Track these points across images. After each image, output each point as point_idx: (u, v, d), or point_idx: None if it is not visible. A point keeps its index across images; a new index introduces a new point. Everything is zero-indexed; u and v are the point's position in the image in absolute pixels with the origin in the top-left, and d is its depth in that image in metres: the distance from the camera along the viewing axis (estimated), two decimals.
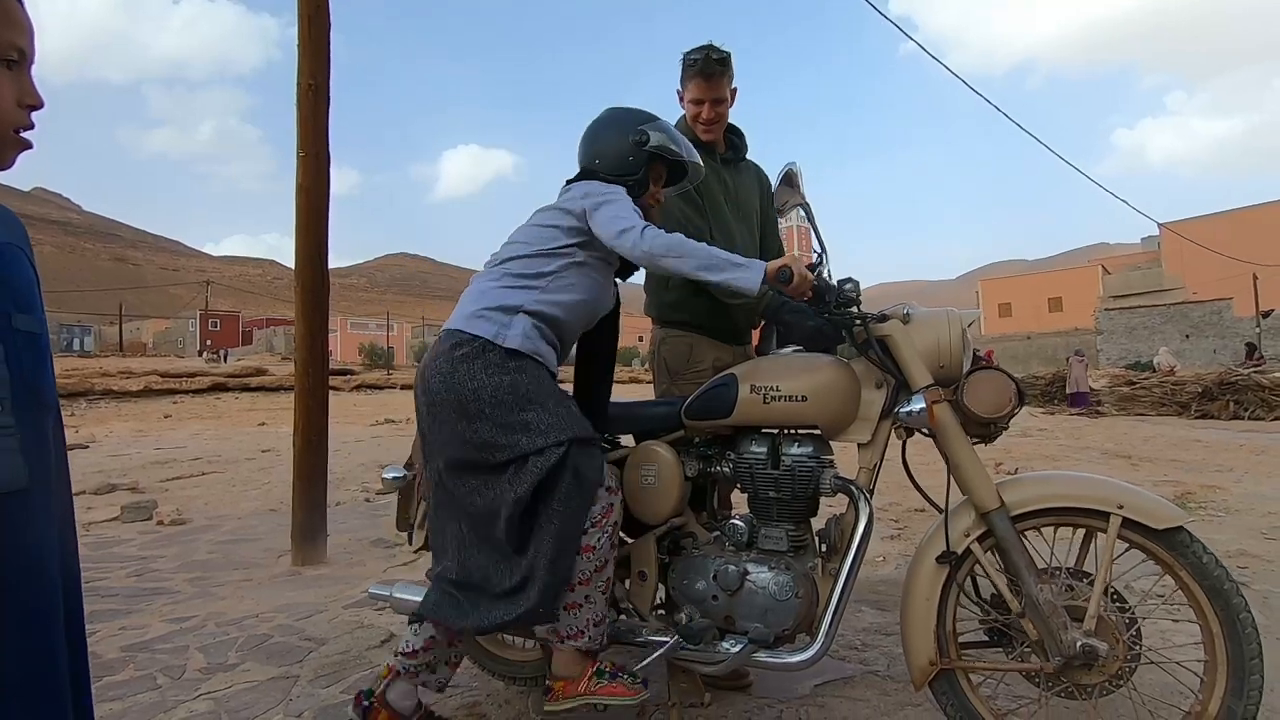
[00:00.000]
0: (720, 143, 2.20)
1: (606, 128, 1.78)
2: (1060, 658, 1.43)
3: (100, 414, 14.42)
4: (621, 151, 1.73)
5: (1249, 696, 1.37)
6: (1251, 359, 16.14)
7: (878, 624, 2.52)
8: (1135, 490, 1.48)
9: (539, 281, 1.63)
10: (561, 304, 1.64)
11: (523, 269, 1.65)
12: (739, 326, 2.22)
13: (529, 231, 1.71)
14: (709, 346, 2.16)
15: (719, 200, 2.14)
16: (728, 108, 2.13)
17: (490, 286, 1.64)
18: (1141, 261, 42.31)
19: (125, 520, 4.53)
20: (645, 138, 1.72)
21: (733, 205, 2.18)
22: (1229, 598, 1.39)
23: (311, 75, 3.55)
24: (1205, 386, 13.22)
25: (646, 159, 1.73)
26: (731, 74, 2.10)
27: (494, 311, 1.60)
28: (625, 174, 1.73)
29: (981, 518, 1.52)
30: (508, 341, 1.56)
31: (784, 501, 1.64)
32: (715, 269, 1.53)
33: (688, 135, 2.13)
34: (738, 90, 2.16)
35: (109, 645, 2.45)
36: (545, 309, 1.62)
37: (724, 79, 2.08)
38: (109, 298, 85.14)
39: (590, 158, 1.77)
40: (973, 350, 1.61)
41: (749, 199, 2.25)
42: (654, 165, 1.77)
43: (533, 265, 1.65)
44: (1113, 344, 28.96)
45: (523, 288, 1.63)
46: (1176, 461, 6.66)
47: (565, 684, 1.55)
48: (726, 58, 2.05)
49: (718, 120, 2.12)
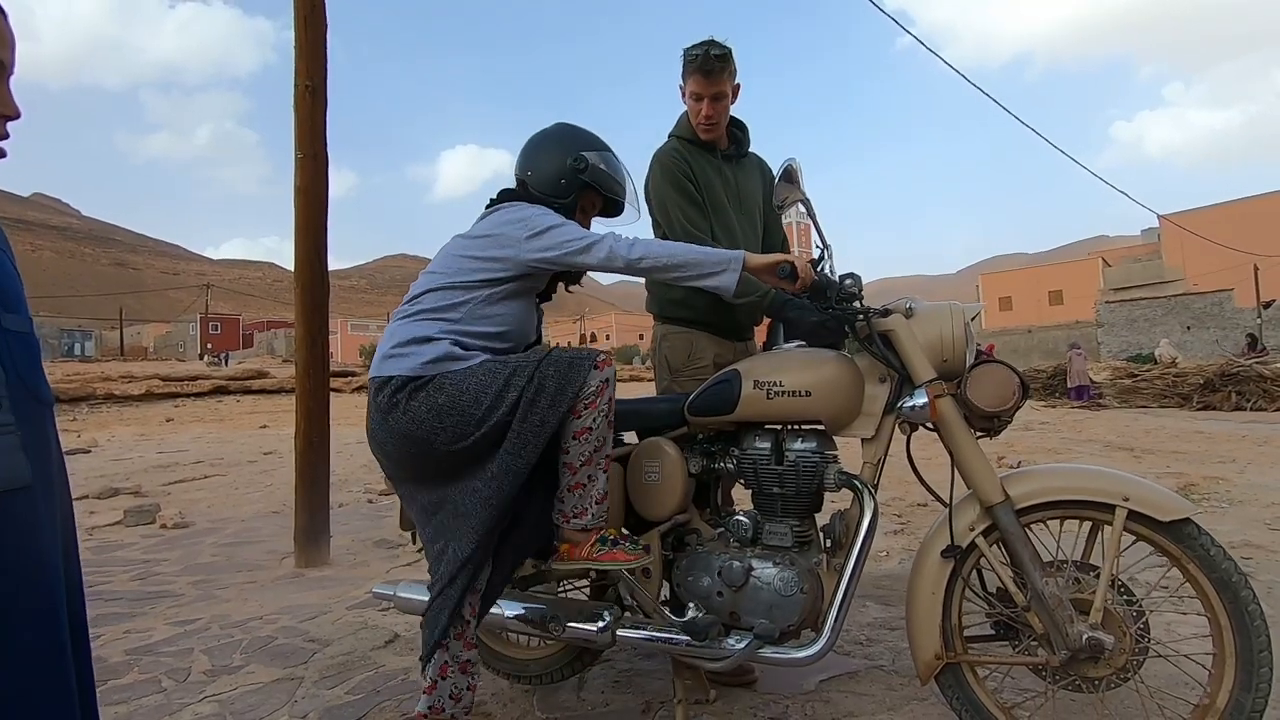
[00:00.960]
0: (723, 138, 2.18)
1: (548, 144, 1.73)
2: (1066, 651, 1.43)
3: (102, 418, 14.43)
4: (556, 172, 1.68)
5: (1258, 689, 1.36)
6: (1253, 350, 16.12)
7: (882, 619, 2.51)
8: (1141, 482, 1.48)
9: (453, 313, 1.57)
10: (479, 334, 1.58)
11: (436, 302, 1.58)
12: (740, 323, 2.21)
13: (445, 261, 1.64)
14: (710, 343, 2.15)
15: (721, 198, 2.13)
16: (729, 104, 2.10)
17: (401, 325, 1.58)
18: (1142, 254, 42.29)
19: (128, 524, 4.53)
20: (583, 164, 1.67)
21: (735, 201, 2.17)
22: (1238, 590, 1.38)
23: (308, 76, 3.55)
24: (1207, 378, 13.19)
25: (579, 186, 1.68)
26: (733, 69, 2.07)
27: (407, 346, 1.54)
28: (554, 195, 1.67)
29: (986, 511, 1.51)
30: (425, 370, 1.50)
31: (788, 497, 1.63)
32: (689, 268, 1.52)
33: (688, 132, 2.17)
34: (741, 86, 2.13)
35: (113, 649, 2.45)
36: (462, 339, 1.55)
37: (724, 75, 2.04)
38: (109, 302, 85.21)
39: (524, 169, 1.72)
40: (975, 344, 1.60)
41: (752, 193, 2.23)
42: (586, 193, 1.71)
43: (447, 298, 1.58)
44: (1114, 336, 28.93)
45: (436, 319, 1.56)
46: (1179, 453, 6.65)
47: (570, 548, 1.57)
48: (727, 53, 2.02)
49: (718, 117, 2.09)
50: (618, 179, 1.73)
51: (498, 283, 1.60)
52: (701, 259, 1.53)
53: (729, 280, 1.51)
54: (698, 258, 1.53)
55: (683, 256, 1.53)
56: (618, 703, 1.96)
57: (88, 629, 1.04)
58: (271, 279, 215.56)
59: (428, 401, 1.49)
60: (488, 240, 1.61)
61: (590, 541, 1.55)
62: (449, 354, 1.53)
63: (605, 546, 1.54)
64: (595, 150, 1.70)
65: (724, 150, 2.19)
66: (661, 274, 1.56)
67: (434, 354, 1.52)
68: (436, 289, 1.60)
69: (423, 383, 1.51)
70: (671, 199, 2.07)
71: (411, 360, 1.52)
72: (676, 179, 2.07)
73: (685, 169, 2.09)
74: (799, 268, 1.49)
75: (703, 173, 2.12)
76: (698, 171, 2.11)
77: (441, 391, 1.49)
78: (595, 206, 1.78)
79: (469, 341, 1.57)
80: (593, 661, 2.04)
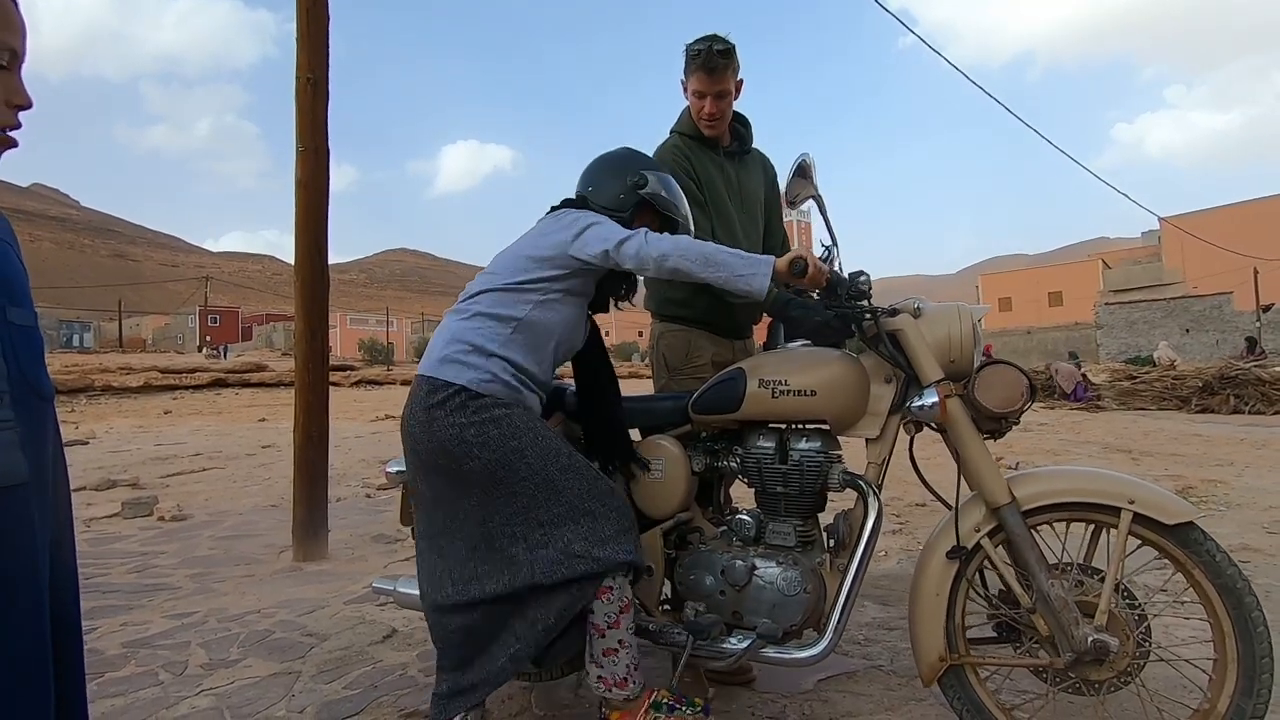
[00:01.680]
0: (725, 135, 2.17)
1: (611, 163, 1.77)
2: (1071, 653, 1.42)
3: (100, 410, 14.40)
4: (616, 189, 1.72)
5: (1259, 695, 1.36)
6: (1251, 353, 16.12)
7: (881, 619, 2.51)
8: (1146, 485, 1.47)
9: (509, 324, 1.59)
10: (533, 344, 1.61)
11: (492, 306, 1.61)
12: (739, 322, 2.20)
13: (502, 261, 1.68)
14: (708, 342, 2.15)
15: (722, 195, 2.13)
16: (732, 100, 2.09)
17: (462, 326, 1.61)
18: (1142, 255, 42.31)
19: (126, 516, 4.52)
20: (643, 181, 1.71)
21: (736, 199, 2.17)
22: (1241, 596, 1.38)
23: (310, 69, 3.52)
24: (1206, 381, 13.20)
25: (636, 202, 1.72)
26: (736, 66, 2.05)
27: (467, 354, 1.56)
28: (613, 210, 1.71)
29: (992, 513, 1.50)
30: (483, 388, 1.53)
31: (792, 497, 1.63)
32: (722, 269, 1.50)
33: (690, 128, 2.16)
34: (744, 82, 2.11)
35: (110, 641, 2.44)
36: (516, 352, 1.58)
37: (727, 72, 2.02)
38: (108, 294, 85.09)
39: (585, 185, 1.76)
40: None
41: (754, 190, 2.23)
42: (643, 212, 1.74)
43: (504, 302, 1.61)
44: (1113, 338, 28.96)
45: (493, 328, 1.59)
46: (1177, 456, 6.65)
47: (621, 715, 1.53)
48: (730, 49, 2.01)
49: (721, 114, 2.08)
50: (675, 201, 1.76)
51: (549, 281, 1.62)
52: (733, 262, 1.51)
53: (760, 284, 1.49)
54: (729, 260, 1.51)
55: (714, 257, 1.52)
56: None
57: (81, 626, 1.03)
58: (271, 272, 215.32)
59: (477, 420, 1.51)
60: (541, 240, 1.65)
61: (643, 710, 1.52)
62: (499, 378, 1.55)
63: (662, 713, 1.51)
64: (655, 171, 1.75)
65: (726, 147, 2.18)
66: (689, 274, 1.53)
67: (493, 374, 1.55)
68: (493, 290, 1.63)
69: (474, 398, 1.53)
70: None
71: (469, 371, 1.54)
72: (677, 176, 2.03)
73: (686, 166, 2.08)
74: (810, 264, 1.48)
75: (704, 169, 2.11)
76: (699, 168, 2.10)
77: (496, 425, 1.51)
78: (653, 227, 1.75)
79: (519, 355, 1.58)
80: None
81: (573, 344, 1.72)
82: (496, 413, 1.52)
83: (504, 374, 1.56)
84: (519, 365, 1.58)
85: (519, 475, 1.50)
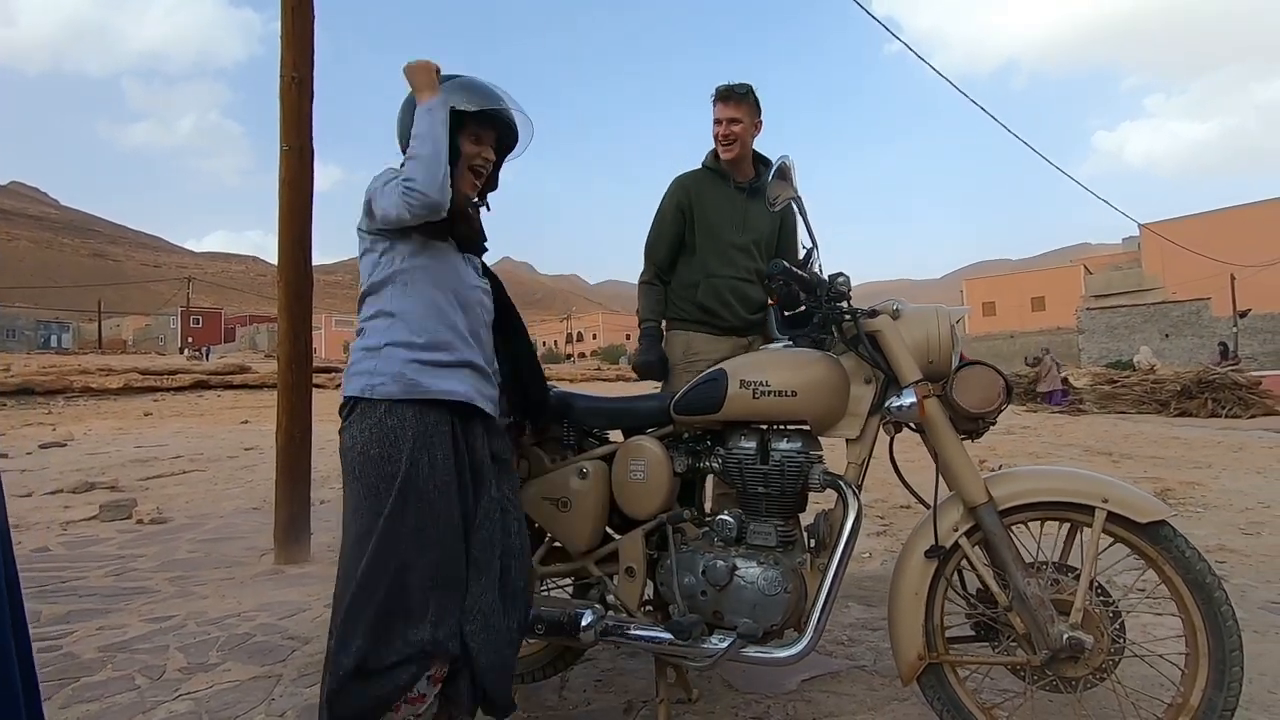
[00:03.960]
0: (745, 169, 2.48)
1: (408, 104, 1.59)
2: (1047, 651, 1.44)
3: (79, 411, 14.18)
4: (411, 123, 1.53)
5: (1229, 688, 1.39)
6: (1225, 358, 16.38)
7: (864, 619, 2.53)
8: (1119, 484, 1.50)
9: (384, 316, 1.50)
10: (419, 316, 1.49)
11: (368, 309, 1.54)
12: (737, 321, 2.39)
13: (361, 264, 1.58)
14: (705, 341, 2.38)
15: (722, 220, 2.45)
16: (745, 129, 2.41)
17: (355, 344, 1.55)
18: (1122, 261, 42.90)
19: (103, 519, 4.46)
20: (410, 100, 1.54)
21: (738, 229, 2.45)
22: (1211, 591, 1.40)
23: (295, 68, 3.50)
24: (1184, 385, 13.42)
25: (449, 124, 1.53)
26: (752, 104, 2.41)
27: (359, 361, 1.50)
28: None
29: (970, 512, 1.52)
30: (376, 391, 1.45)
31: (773, 497, 1.63)
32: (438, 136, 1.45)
33: (711, 160, 2.50)
34: (763, 124, 2.47)
35: (86, 645, 2.41)
36: (403, 333, 1.48)
37: (741, 104, 2.38)
38: (88, 294, 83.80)
39: (401, 138, 1.60)
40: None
41: (758, 225, 2.48)
42: (464, 128, 1.57)
43: (370, 303, 1.53)
44: (1094, 343, 29.33)
45: (374, 326, 1.51)
46: (1157, 458, 6.75)
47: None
48: (748, 88, 2.40)
49: (733, 138, 2.39)
50: (474, 95, 1.58)
51: (392, 256, 1.51)
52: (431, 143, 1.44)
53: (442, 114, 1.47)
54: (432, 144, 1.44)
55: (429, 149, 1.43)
56: (600, 702, 1.95)
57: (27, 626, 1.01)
58: (255, 273, 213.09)
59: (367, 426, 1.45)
60: (359, 230, 1.56)
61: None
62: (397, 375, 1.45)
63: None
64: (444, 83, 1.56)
65: (741, 183, 2.48)
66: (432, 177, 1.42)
67: (391, 370, 1.46)
68: (363, 296, 1.56)
69: (370, 405, 1.46)
70: (660, 213, 2.53)
71: (363, 380, 1.47)
72: (671, 201, 2.51)
73: (683, 195, 2.49)
74: None
75: (709, 198, 2.46)
76: (698, 196, 2.47)
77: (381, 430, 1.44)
78: (487, 137, 1.63)
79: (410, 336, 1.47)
80: (575, 660, 2.03)
81: (461, 289, 1.56)
82: (389, 422, 1.43)
83: (397, 364, 1.46)
84: (414, 344, 1.47)
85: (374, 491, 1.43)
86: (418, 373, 1.45)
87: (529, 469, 1.86)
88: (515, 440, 1.83)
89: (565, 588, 2.01)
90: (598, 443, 1.89)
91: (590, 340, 72.01)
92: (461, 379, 1.51)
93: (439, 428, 1.46)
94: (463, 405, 1.51)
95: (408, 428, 1.43)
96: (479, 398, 1.54)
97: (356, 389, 1.47)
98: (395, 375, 1.45)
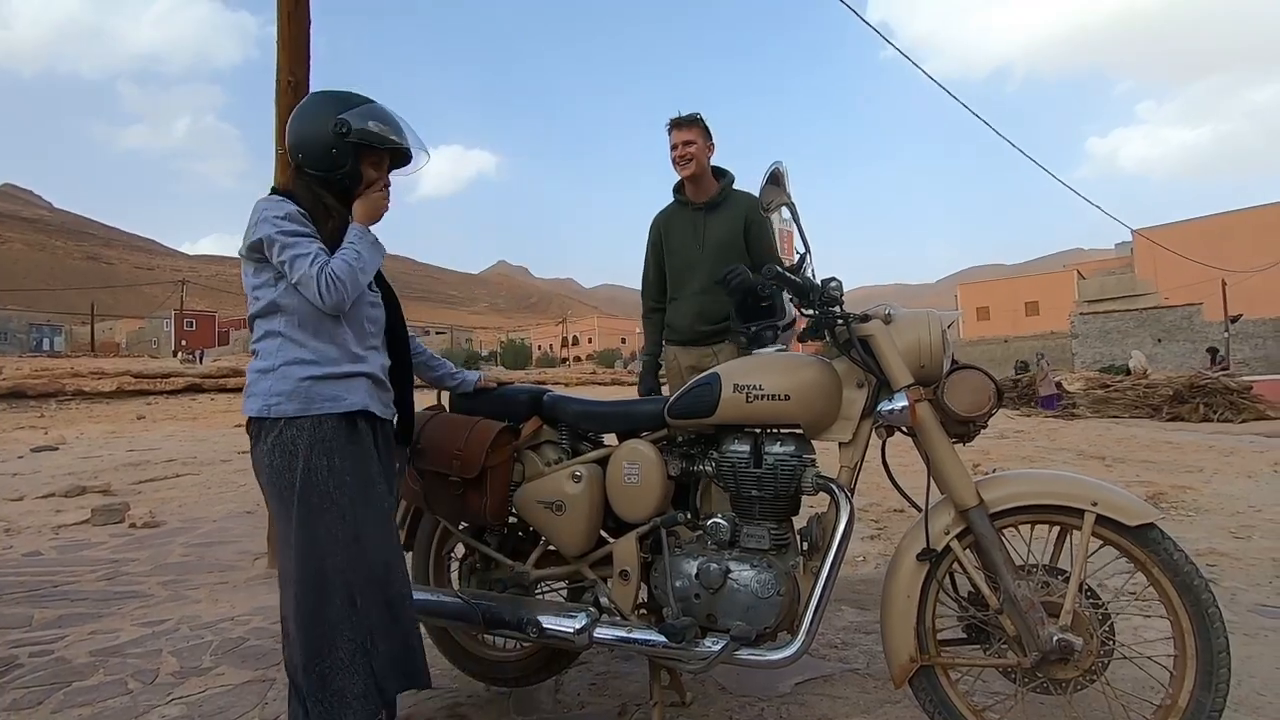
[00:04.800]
0: (704, 189, 2.75)
1: (307, 116, 1.60)
2: (1038, 653, 1.45)
3: (71, 415, 14.10)
4: (324, 144, 1.56)
5: (1217, 689, 1.40)
6: (1214, 363, 16.47)
7: (858, 622, 2.54)
8: (1108, 487, 1.51)
9: (273, 337, 1.53)
10: (307, 334, 1.51)
11: (259, 331, 1.56)
12: (698, 332, 2.72)
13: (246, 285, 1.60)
14: (681, 353, 2.78)
15: (686, 243, 2.77)
16: (699, 149, 2.69)
17: (250, 364, 1.57)
18: (1115, 266, 43.13)
19: (96, 523, 4.44)
20: (345, 127, 1.55)
21: (697, 246, 2.74)
22: (1199, 593, 1.42)
23: (291, 72, 3.51)
24: (1176, 389, 13.49)
25: (353, 150, 1.57)
26: (702, 127, 2.70)
27: (254, 383, 1.53)
28: (331, 169, 1.57)
29: (961, 515, 1.54)
30: (273, 410, 1.49)
31: (766, 500, 1.64)
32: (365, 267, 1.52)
33: (677, 187, 2.80)
34: (714, 147, 2.75)
35: (78, 650, 2.40)
36: (295, 351, 1.51)
37: (692, 127, 2.68)
38: (81, 297, 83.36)
39: (294, 152, 1.60)
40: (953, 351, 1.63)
41: (721, 235, 2.71)
42: (368, 154, 1.60)
43: (261, 323, 1.55)
44: (1087, 347, 29.46)
45: (266, 347, 1.53)
46: (1149, 462, 6.79)
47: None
48: (696, 115, 2.70)
49: (689, 158, 2.68)
50: (389, 126, 1.61)
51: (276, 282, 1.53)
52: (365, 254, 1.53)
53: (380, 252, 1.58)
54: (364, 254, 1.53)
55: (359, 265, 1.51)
56: (594, 705, 1.96)
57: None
58: None
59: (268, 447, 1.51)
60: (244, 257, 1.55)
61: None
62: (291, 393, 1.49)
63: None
64: (355, 108, 1.58)
65: (698, 203, 2.76)
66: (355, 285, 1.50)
67: (285, 389, 1.50)
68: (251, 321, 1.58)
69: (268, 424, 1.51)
70: (645, 252, 2.93)
71: (259, 401, 1.51)
72: (650, 239, 2.91)
73: (656, 233, 2.89)
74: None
75: (674, 227, 2.82)
76: (667, 230, 2.84)
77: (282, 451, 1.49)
78: (384, 163, 1.65)
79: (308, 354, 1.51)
80: (569, 664, 2.03)
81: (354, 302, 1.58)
82: (287, 434, 1.48)
83: (292, 383, 1.49)
84: (307, 360, 1.50)
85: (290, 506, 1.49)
86: (313, 388, 1.50)
87: (524, 472, 1.87)
88: (510, 444, 1.84)
89: (560, 591, 2.01)
90: (592, 446, 1.90)
91: (586, 344, 71.98)
92: (355, 389, 1.55)
93: (337, 434, 1.51)
94: (361, 413, 1.56)
95: (304, 435, 1.48)
96: (376, 405, 1.59)
97: (255, 410, 1.51)
98: (290, 393, 1.49)
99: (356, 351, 1.57)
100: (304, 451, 1.47)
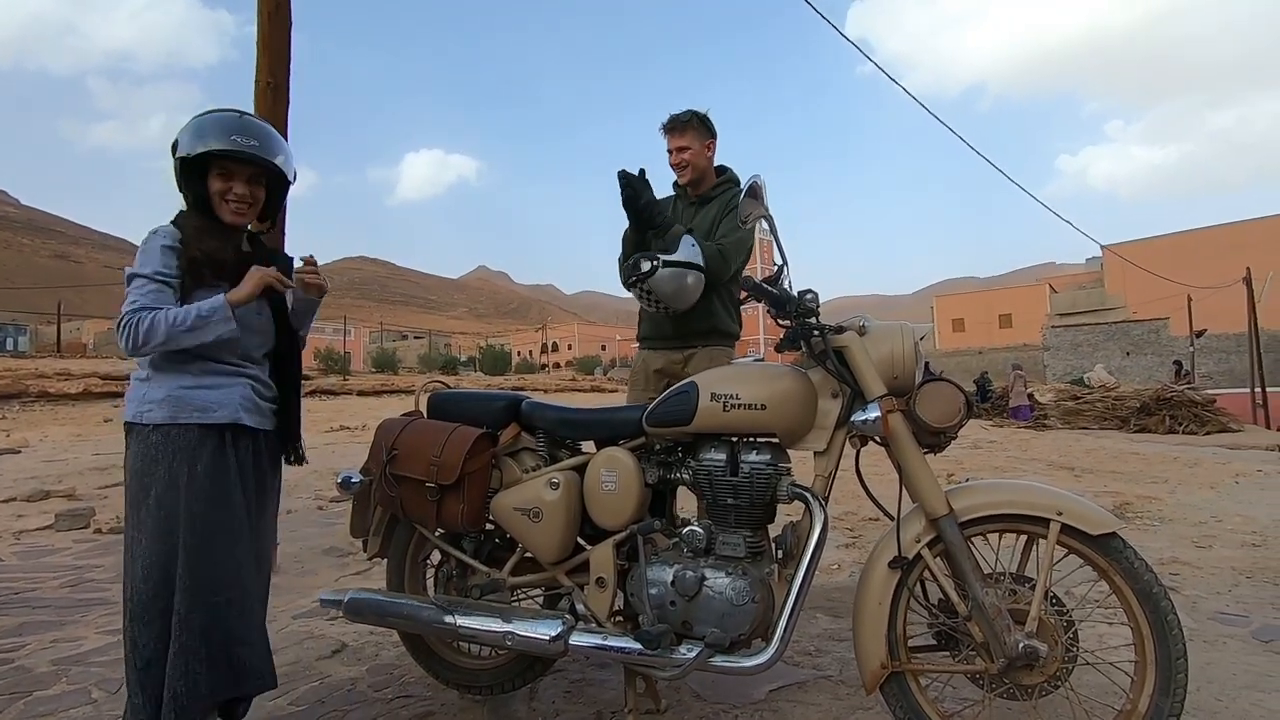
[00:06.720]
0: (704, 183, 2.65)
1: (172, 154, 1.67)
2: (1004, 659, 1.49)
3: (34, 417, 13.72)
4: (176, 169, 1.65)
5: (1175, 694, 1.44)
6: (1179, 377, 16.90)
7: (831, 630, 2.56)
8: (1073, 498, 1.55)
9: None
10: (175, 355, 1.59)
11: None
12: (674, 334, 2.58)
13: None
14: (653, 356, 2.66)
15: None
16: (695, 154, 2.58)
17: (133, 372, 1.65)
18: (1086, 281, 44.10)
19: (59, 528, 4.33)
20: (173, 147, 1.63)
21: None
22: (1158, 601, 1.46)
23: (270, 74, 3.48)
24: (1144, 402, 13.83)
25: (188, 173, 1.63)
26: (697, 128, 2.56)
27: (134, 388, 1.62)
28: (183, 190, 1.66)
29: (931, 524, 1.57)
30: (144, 417, 1.57)
31: (742, 508, 1.66)
32: (193, 332, 1.54)
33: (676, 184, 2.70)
34: (715, 142, 2.62)
35: (39, 659, 2.34)
36: (172, 361, 1.59)
37: (686, 131, 2.55)
38: (48, 295, 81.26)
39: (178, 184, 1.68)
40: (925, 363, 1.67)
41: (704, 225, 2.59)
42: (212, 166, 1.63)
43: None
44: (1058, 360, 30.08)
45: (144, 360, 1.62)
46: (1116, 473, 6.94)
47: None
48: (690, 115, 2.56)
49: (684, 165, 2.59)
50: (200, 133, 1.60)
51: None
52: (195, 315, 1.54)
53: (223, 329, 1.56)
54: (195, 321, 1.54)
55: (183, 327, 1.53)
56: (569, 712, 1.95)
57: None
58: None
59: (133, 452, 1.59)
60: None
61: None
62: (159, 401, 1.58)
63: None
64: (187, 131, 1.62)
65: (693, 198, 2.67)
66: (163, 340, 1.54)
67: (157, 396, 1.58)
68: None
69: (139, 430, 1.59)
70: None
71: (133, 407, 1.60)
72: None
73: None
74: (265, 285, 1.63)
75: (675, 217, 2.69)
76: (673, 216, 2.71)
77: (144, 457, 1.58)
78: (239, 172, 1.65)
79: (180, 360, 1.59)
80: (544, 671, 2.03)
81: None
82: (153, 440, 1.56)
83: (164, 390, 1.58)
84: (181, 369, 1.59)
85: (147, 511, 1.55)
86: (184, 396, 1.58)
87: (501, 479, 1.87)
88: (488, 450, 1.83)
89: (535, 598, 2.01)
90: (570, 453, 1.91)
91: (566, 350, 71.80)
92: (227, 400, 1.62)
93: (204, 443, 1.57)
94: (230, 425, 1.62)
95: (170, 443, 1.56)
96: (248, 416, 1.65)
97: (130, 415, 1.60)
98: (161, 401, 1.57)
99: (232, 362, 1.65)
100: (167, 459, 1.55)
